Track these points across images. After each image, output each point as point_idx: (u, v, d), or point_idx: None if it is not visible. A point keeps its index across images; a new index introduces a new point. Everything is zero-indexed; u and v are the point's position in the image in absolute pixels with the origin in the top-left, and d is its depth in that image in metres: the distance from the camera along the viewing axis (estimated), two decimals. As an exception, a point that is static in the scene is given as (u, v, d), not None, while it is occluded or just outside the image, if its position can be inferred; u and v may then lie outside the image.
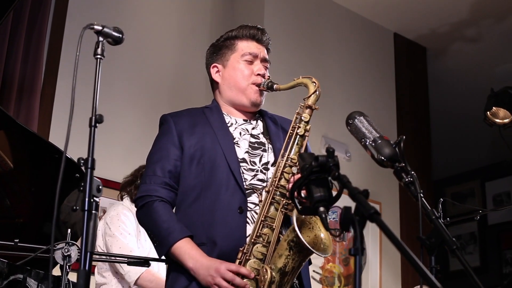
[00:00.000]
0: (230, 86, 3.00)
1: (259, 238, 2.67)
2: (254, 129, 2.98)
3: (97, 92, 2.13)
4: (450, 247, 2.02)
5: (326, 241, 2.65)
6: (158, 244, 2.75)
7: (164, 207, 2.78)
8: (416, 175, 6.55)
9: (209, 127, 2.92)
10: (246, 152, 2.89)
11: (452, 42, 7.04)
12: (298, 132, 2.84)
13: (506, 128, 5.87)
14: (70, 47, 5.17)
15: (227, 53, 3.04)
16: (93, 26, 2.17)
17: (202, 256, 2.65)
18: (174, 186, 2.85)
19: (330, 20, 6.41)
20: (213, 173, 2.79)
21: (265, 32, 3.09)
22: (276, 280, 2.60)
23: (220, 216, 2.72)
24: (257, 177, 2.84)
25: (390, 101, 6.69)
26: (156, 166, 2.86)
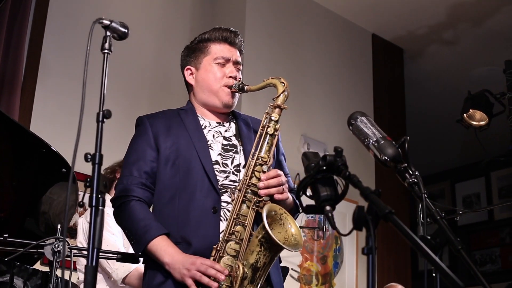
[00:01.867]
0: (203, 88, 3.06)
1: (232, 235, 2.74)
2: (226, 132, 3.05)
3: (104, 87, 2.12)
4: (455, 247, 2.04)
5: (296, 236, 2.72)
6: (135, 242, 2.80)
7: (140, 206, 2.84)
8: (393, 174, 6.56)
9: (184, 129, 2.98)
10: (219, 154, 2.95)
11: (429, 44, 7.11)
12: (268, 132, 2.89)
13: (482, 130, 5.93)
14: (51, 42, 5.13)
15: (200, 56, 3.10)
16: (102, 21, 2.14)
17: (178, 253, 2.71)
18: (151, 186, 2.90)
19: (310, 19, 6.44)
20: (188, 174, 2.86)
21: (238, 35, 3.16)
22: (249, 276, 2.68)
23: (195, 216, 2.79)
24: (229, 178, 2.90)
25: (367, 101, 6.73)
26: (132, 167, 2.91)
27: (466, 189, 9.28)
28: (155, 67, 5.76)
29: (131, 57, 5.62)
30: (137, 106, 5.50)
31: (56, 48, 5.17)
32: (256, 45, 5.94)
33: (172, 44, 5.94)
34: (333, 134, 6.25)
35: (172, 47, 5.94)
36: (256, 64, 5.83)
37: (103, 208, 2.07)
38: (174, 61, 5.93)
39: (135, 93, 5.56)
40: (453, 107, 6.61)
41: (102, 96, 2.12)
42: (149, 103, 5.61)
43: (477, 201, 9.12)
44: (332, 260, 5.82)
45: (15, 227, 3.78)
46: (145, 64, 5.68)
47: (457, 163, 9.24)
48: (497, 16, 6.55)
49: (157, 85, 5.72)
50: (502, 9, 6.44)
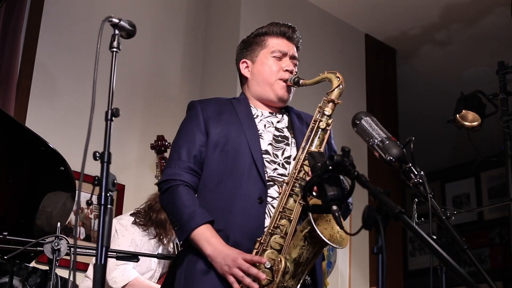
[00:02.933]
0: (258, 81, 3.04)
1: (277, 229, 2.70)
2: (279, 123, 3.02)
3: (113, 85, 2.12)
4: (461, 247, 2.06)
5: (342, 233, 2.67)
6: (179, 228, 2.76)
7: (187, 191, 2.80)
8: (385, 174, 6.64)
9: (236, 116, 2.95)
10: (269, 144, 2.91)
11: (422, 45, 7.14)
12: (320, 126, 2.87)
13: (474, 131, 5.97)
14: (46, 39, 5.12)
15: (257, 49, 3.08)
16: (111, 19, 2.15)
17: (221, 244, 2.68)
18: (198, 171, 2.87)
19: (304, 19, 6.44)
20: (236, 161, 2.82)
21: (296, 30, 3.13)
22: (290, 270, 2.64)
23: (240, 205, 2.75)
24: (277, 171, 2.86)
25: (360, 101, 6.74)
26: (181, 150, 2.89)
27: (456, 189, 9.32)
28: (149, 69, 5.74)
29: (125, 59, 5.60)
30: (131, 109, 5.50)
31: (51, 45, 5.16)
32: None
33: (166, 46, 5.95)
34: (327, 134, 6.25)
35: (166, 49, 5.94)
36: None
37: (112, 206, 2.08)
38: (168, 62, 5.97)
39: (129, 95, 5.54)
40: (445, 108, 6.65)
41: (110, 94, 2.12)
42: (143, 106, 5.61)
43: (467, 201, 9.17)
44: (325, 259, 5.83)
45: (11, 224, 3.77)
46: (139, 66, 5.67)
47: (447, 163, 9.29)
48: (489, 17, 6.58)
49: (151, 87, 5.72)
50: (494, 10, 6.47)
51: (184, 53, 6.06)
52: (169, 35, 5.98)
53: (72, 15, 5.34)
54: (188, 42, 6.12)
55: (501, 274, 8.42)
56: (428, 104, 8.00)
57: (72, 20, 5.32)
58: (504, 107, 5.74)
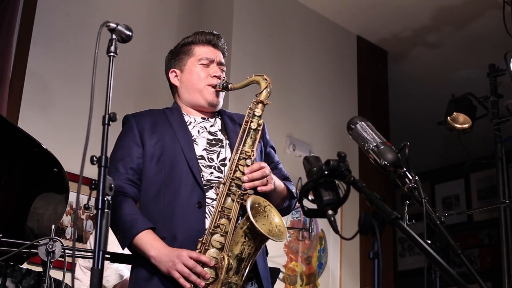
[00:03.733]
0: (188, 88, 3.14)
1: (217, 228, 2.79)
2: (212, 127, 3.11)
3: (111, 90, 2.13)
4: (455, 252, 2.08)
5: (280, 227, 2.78)
6: (122, 236, 2.83)
7: (127, 201, 2.87)
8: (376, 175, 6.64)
9: (169, 126, 3.03)
10: (204, 149, 2.99)
11: (413, 47, 7.16)
12: (251, 126, 2.96)
13: (465, 133, 6.01)
14: (39, 41, 5.11)
15: (184, 58, 3.19)
16: (109, 24, 2.16)
17: (164, 246, 2.76)
18: (137, 182, 2.95)
19: (297, 21, 6.46)
20: (173, 170, 2.91)
21: (221, 38, 3.24)
22: (234, 267, 2.73)
23: (180, 211, 2.84)
24: (214, 174, 2.94)
25: (352, 102, 6.77)
26: (118, 164, 2.95)
27: (445, 191, 9.36)
28: (141, 70, 5.74)
29: (118, 60, 5.60)
30: (124, 109, 5.45)
31: (43, 49, 5.15)
32: (243, 46, 5.95)
33: (158, 47, 5.93)
34: (319, 135, 6.28)
35: (158, 49, 5.92)
36: (242, 65, 5.84)
37: (109, 210, 2.09)
38: (160, 63, 5.88)
39: (121, 96, 5.53)
40: (435, 109, 6.68)
41: (108, 98, 2.13)
42: (135, 106, 5.59)
43: (457, 202, 9.21)
44: (316, 260, 5.85)
45: (3, 226, 3.76)
46: (131, 67, 5.66)
47: (437, 164, 9.32)
48: (480, 20, 6.62)
49: (144, 88, 5.72)
50: (485, 13, 6.51)
51: (177, 54, 6.06)
52: (162, 37, 5.97)
53: (64, 18, 5.33)
54: (181, 43, 6.12)
55: (490, 275, 8.45)
56: (419, 105, 8.03)
57: (65, 23, 5.31)
58: (494, 109, 5.78)
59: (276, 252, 5.44)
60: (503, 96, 5.79)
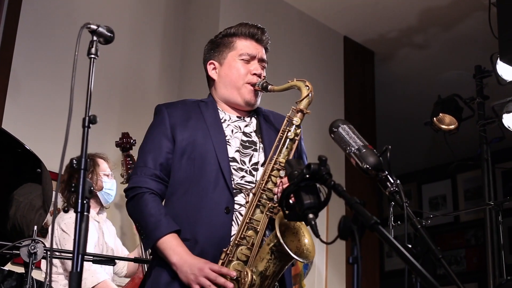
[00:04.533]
0: (225, 84, 2.98)
1: (243, 240, 2.67)
2: (247, 127, 2.98)
3: (91, 92, 2.11)
4: (436, 256, 2.08)
5: (309, 246, 2.65)
6: (145, 237, 2.74)
7: (153, 199, 2.77)
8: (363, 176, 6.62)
9: (203, 122, 2.90)
10: (236, 151, 2.87)
11: (400, 48, 7.17)
12: (288, 136, 2.82)
13: (451, 134, 6.02)
14: (23, 40, 5.09)
15: (225, 51, 3.01)
16: (89, 26, 2.14)
17: (187, 254, 2.65)
18: (165, 178, 2.83)
19: (283, 21, 6.46)
20: (203, 169, 2.79)
21: (265, 32, 3.09)
22: (257, 284, 2.61)
23: (206, 215, 2.72)
24: (245, 178, 2.82)
25: (338, 102, 6.77)
26: (147, 157, 2.84)
27: (432, 191, 9.38)
28: (127, 70, 5.73)
29: (103, 59, 5.56)
30: (109, 110, 5.48)
31: (28, 47, 5.13)
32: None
33: (144, 47, 5.93)
34: (304, 136, 6.24)
35: (144, 49, 5.93)
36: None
37: (88, 214, 2.07)
38: (146, 63, 5.95)
39: (106, 96, 5.52)
40: (422, 110, 6.69)
41: (88, 101, 2.11)
42: (121, 107, 5.59)
43: (443, 202, 9.23)
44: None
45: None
46: (117, 67, 5.64)
47: (424, 165, 9.34)
48: (467, 21, 6.63)
49: (129, 88, 5.71)
50: (472, 15, 6.52)
51: (162, 54, 6.05)
52: (147, 36, 5.96)
53: (48, 20, 5.31)
54: (166, 43, 6.11)
55: (476, 276, 8.48)
56: (405, 106, 8.05)
57: (49, 24, 5.29)
58: (480, 111, 5.79)
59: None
60: (489, 98, 5.80)
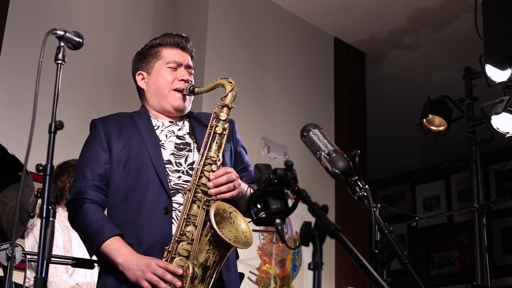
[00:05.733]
0: (154, 92, 3.08)
1: (183, 236, 2.75)
2: (180, 130, 3.06)
3: (57, 98, 2.11)
4: (402, 262, 2.07)
5: (247, 234, 2.74)
6: (89, 244, 2.80)
7: (94, 208, 2.83)
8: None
9: (137, 130, 2.99)
10: (171, 153, 2.95)
11: (391, 49, 7.17)
12: (216, 131, 2.92)
13: (441, 135, 6.01)
14: (10, 43, 5.08)
15: (152, 61, 3.12)
16: (56, 32, 2.14)
17: (132, 253, 2.72)
18: (104, 188, 2.90)
19: (273, 22, 6.46)
20: (140, 175, 2.87)
21: (189, 40, 3.17)
22: (199, 275, 2.69)
23: (146, 217, 2.80)
24: (182, 178, 2.91)
25: (328, 104, 6.78)
26: (85, 169, 2.91)
27: (426, 192, 9.38)
28: (115, 69, 5.72)
29: (92, 59, 5.59)
30: (97, 109, 5.45)
31: (15, 44, 5.12)
32: (217, 47, 5.95)
33: (133, 46, 5.81)
34: (294, 137, 6.27)
35: (133, 49, 5.79)
36: (217, 66, 5.84)
37: (54, 219, 2.07)
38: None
39: (95, 95, 5.53)
40: (413, 111, 6.68)
41: (54, 107, 2.11)
42: (109, 106, 5.58)
43: (437, 203, 9.23)
44: (290, 263, 5.85)
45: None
46: (105, 66, 5.65)
47: (418, 165, 9.34)
48: (457, 22, 6.63)
49: (118, 87, 5.70)
50: (462, 16, 6.52)
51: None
52: (136, 35, 5.96)
53: (37, 20, 5.30)
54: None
55: (469, 277, 8.48)
56: (397, 107, 8.05)
57: (37, 24, 5.27)
58: (469, 112, 5.78)
59: (249, 254, 5.43)
60: (478, 99, 5.79)
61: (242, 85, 5.95)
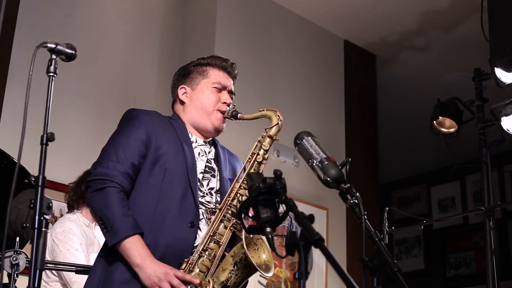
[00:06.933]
0: (196, 108, 3.09)
1: (206, 251, 2.77)
2: (209, 153, 3.09)
3: (49, 110, 2.13)
4: (392, 270, 2.08)
5: (268, 263, 2.77)
6: (109, 232, 2.73)
7: (123, 197, 2.80)
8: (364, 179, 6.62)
9: (176, 137, 2.98)
10: (201, 172, 2.98)
11: (401, 51, 7.16)
12: (256, 159, 2.96)
13: (451, 137, 5.99)
14: (21, 43, 5.12)
15: (198, 78, 3.13)
16: (46, 45, 2.17)
17: (150, 257, 2.71)
18: (134, 179, 2.87)
19: (282, 26, 6.47)
20: (173, 181, 2.86)
21: (235, 67, 3.23)
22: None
23: (171, 226, 2.79)
24: (205, 198, 2.93)
25: (339, 107, 6.77)
26: (120, 152, 2.87)
27: (441, 193, 9.34)
28: (124, 75, 5.76)
29: (101, 65, 5.63)
30: (106, 115, 5.51)
31: (25, 57, 5.15)
32: (227, 52, 5.90)
33: (142, 53, 5.96)
34: (304, 141, 6.28)
35: (142, 55, 5.95)
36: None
37: (47, 229, 2.10)
38: (143, 69, 5.99)
39: (104, 101, 5.56)
40: (425, 112, 6.65)
41: (46, 119, 2.13)
42: (118, 113, 5.58)
43: (452, 204, 9.19)
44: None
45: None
46: (114, 72, 5.69)
47: (433, 166, 9.30)
48: (466, 24, 6.61)
49: (126, 93, 5.74)
50: (471, 17, 6.49)
51: (160, 59, 6.08)
52: (145, 40, 6.00)
53: (46, 26, 5.35)
54: (164, 47, 6.14)
55: (485, 278, 8.42)
56: (409, 108, 8.03)
57: (47, 30, 5.32)
58: (480, 113, 5.76)
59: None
60: (488, 100, 5.76)
61: (251, 88, 6.01)
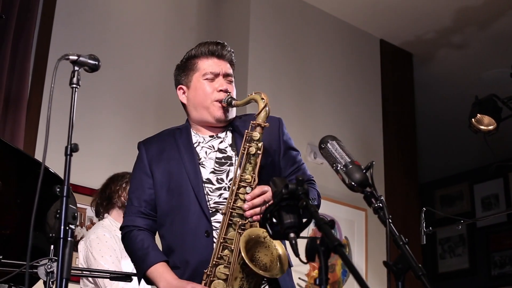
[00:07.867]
0: (195, 106, 3.04)
1: (221, 259, 2.75)
2: (221, 143, 3.02)
3: (73, 121, 2.16)
4: (416, 274, 2.06)
5: (282, 258, 2.69)
6: (137, 269, 2.92)
7: (140, 235, 2.91)
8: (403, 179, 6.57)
9: (176, 151, 2.98)
10: (211, 172, 2.94)
11: (438, 49, 7.10)
12: (249, 152, 2.85)
13: (490, 135, 5.93)
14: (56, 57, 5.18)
15: (190, 74, 3.08)
16: (68, 57, 2.19)
17: (173, 278, 2.77)
18: (150, 213, 2.95)
19: (316, 26, 6.45)
20: (181, 197, 2.89)
21: (226, 46, 3.09)
22: None
23: (190, 240, 2.83)
24: (223, 195, 2.88)
25: (376, 107, 6.73)
26: (132, 196, 3.01)
27: (484, 190, 9.22)
28: (160, 79, 5.79)
29: (136, 68, 5.68)
30: (143, 120, 5.55)
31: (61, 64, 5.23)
32: (260, 55, 5.97)
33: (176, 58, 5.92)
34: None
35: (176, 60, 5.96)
36: (260, 74, 5.86)
37: (72, 239, 2.13)
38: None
39: (140, 105, 5.61)
40: (464, 110, 6.59)
41: (70, 130, 2.16)
42: (155, 117, 5.66)
43: (496, 202, 9.07)
44: (340, 268, 5.84)
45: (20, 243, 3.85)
46: (150, 76, 5.73)
47: (475, 164, 9.19)
48: (503, 19, 6.53)
49: (163, 97, 5.77)
50: (507, 12, 6.42)
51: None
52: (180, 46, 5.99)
53: (82, 33, 5.41)
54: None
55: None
56: (448, 106, 7.95)
57: (82, 37, 5.39)
58: (519, 110, 5.70)
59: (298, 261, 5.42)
60: (528, 96, 5.70)
61: (287, 91, 6.01)
